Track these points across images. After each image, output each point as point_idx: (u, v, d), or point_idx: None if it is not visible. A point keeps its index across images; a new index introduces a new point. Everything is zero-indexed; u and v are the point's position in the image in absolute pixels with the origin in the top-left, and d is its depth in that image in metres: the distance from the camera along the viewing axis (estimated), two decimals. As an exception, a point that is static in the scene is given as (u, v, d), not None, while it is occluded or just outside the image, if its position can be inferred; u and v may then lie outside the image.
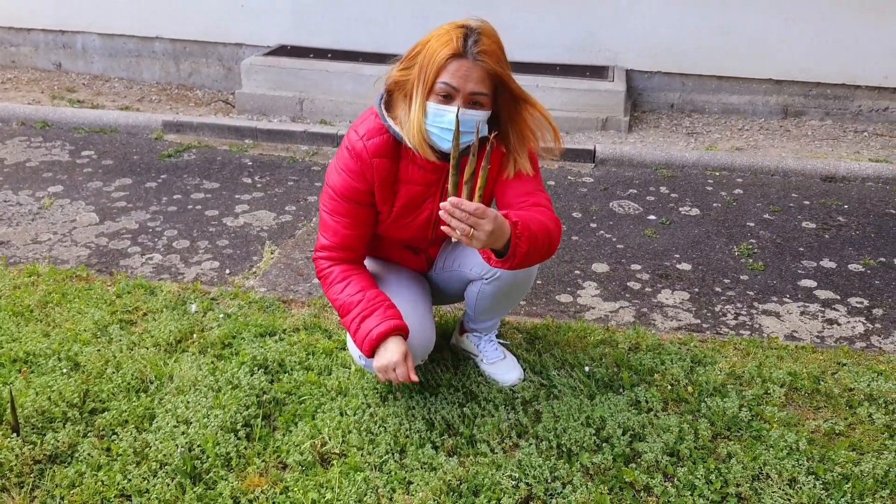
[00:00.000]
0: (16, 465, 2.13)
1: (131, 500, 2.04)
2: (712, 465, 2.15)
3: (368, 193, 2.17)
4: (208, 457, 2.17)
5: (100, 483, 2.08)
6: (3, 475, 2.10)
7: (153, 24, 5.98)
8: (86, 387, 2.42)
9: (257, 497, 2.05)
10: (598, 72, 5.41)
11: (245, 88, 5.46)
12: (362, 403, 2.37)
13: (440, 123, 2.00)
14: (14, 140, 4.92)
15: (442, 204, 1.81)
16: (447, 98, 1.98)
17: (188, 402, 2.36)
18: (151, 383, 2.46)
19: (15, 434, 2.22)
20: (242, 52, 5.90)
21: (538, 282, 3.28)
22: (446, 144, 2.02)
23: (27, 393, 2.36)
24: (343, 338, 2.73)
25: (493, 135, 1.92)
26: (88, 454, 2.17)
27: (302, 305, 3.01)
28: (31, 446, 2.18)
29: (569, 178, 4.47)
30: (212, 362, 2.57)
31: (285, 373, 2.54)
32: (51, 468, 2.14)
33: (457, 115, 1.90)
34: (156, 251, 3.52)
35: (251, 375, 2.49)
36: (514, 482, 2.08)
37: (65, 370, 2.48)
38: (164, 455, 2.17)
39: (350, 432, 2.26)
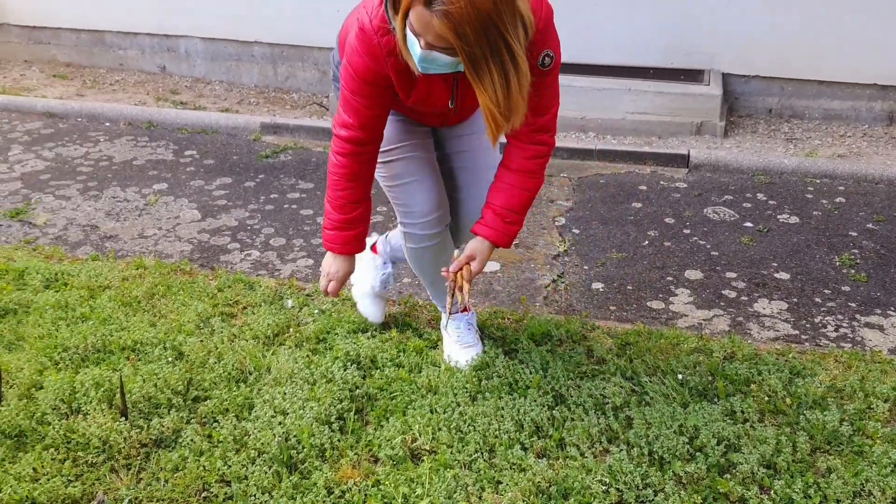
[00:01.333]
0: (124, 447, 2.24)
1: (231, 486, 2.12)
2: (811, 480, 2.08)
3: (387, 78, 2.09)
4: (304, 447, 2.23)
5: (201, 468, 2.17)
6: (112, 457, 2.21)
7: (252, 30, 6.18)
8: (189, 375, 2.52)
9: (350, 489, 2.10)
10: (692, 75, 5.31)
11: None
12: (452, 402, 2.40)
13: (412, 49, 1.89)
14: (122, 139, 5.17)
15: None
16: (416, 34, 1.85)
17: (285, 394, 2.44)
18: (250, 374, 2.55)
19: (123, 418, 2.33)
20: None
21: (629, 287, 3.24)
22: (418, 69, 1.93)
23: (135, 379, 2.48)
24: (432, 337, 2.77)
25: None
26: (191, 440, 2.26)
27: (393, 304, 3.07)
28: (138, 430, 2.29)
29: (661, 182, 4.40)
30: (307, 356, 2.64)
31: (377, 369, 2.59)
32: (156, 452, 2.24)
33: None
34: (254, 248, 3.64)
35: (344, 370, 2.55)
36: (604, 487, 2.07)
37: (170, 359, 2.60)
38: (262, 444, 2.24)
39: (440, 430, 2.29)
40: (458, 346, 2.64)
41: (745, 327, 2.95)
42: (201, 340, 2.71)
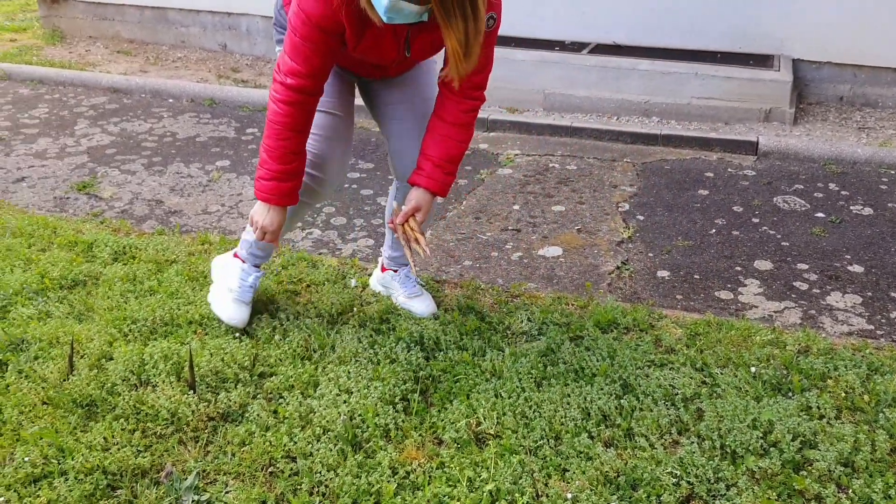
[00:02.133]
0: (192, 420, 2.26)
1: (296, 462, 2.13)
2: (892, 480, 2.01)
3: (340, 25, 2.10)
4: (368, 426, 2.23)
5: (268, 443, 2.18)
6: (180, 429, 2.24)
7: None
8: (255, 351, 2.54)
9: (414, 469, 2.09)
10: (761, 60, 5.16)
11: (398, 72, 5.56)
12: (517, 387, 2.37)
13: (377, 2, 1.93)
14: (185, 115, 5.22)
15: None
16: None
17: (349, 373, 2.44)
18: (315, 352, 2.56)
19: (192, 391, 2.36)
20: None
21: (696, 276, 3.17)
22: (383, 20, 1.97)
23: (202, 353, 2.50)
24: (494, 321, 2.74)
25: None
26: (258, 415, 2.28)
27: (455, 286, 3.04)
28: (206, 404, 2.31)
29: (729, 170, 4.29)
30: (370, 336, 2.64)
31: (440, 351, 2.57)
32: (223, 426, 2.26)
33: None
34: (315, 227, 3.65)
35: (408, 351, 2.54)
36: (674, 479, 2.02)
37: (236, 334, 2.62)
38: (328, 421, 2.24)
39: (505, 414, 2.26)
40: (410, 298, 2.79)
41: (817, 321, 2.87)
42: (267, 317, 2.72)
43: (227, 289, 2.66)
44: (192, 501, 2.03)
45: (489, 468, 2.08)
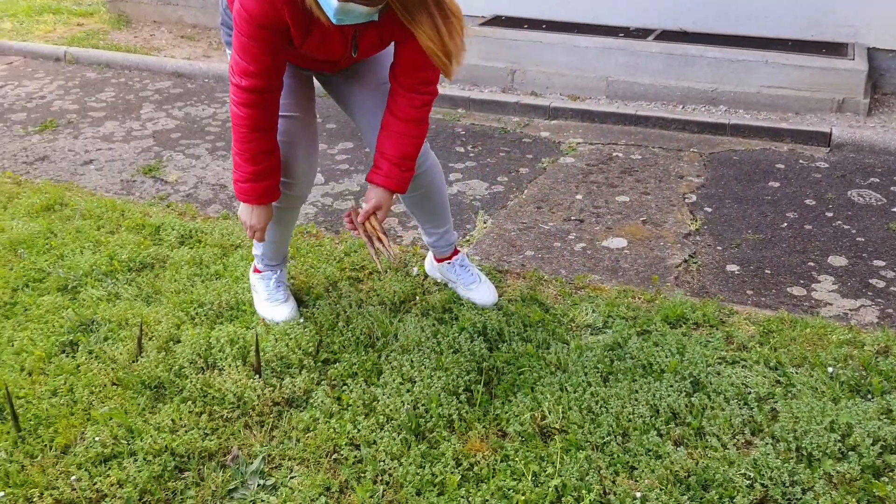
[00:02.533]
0: (257, 404, 2.28)
1: (360, 450, 2.12)
2: (980, 491, 1.92)
3: (284, 21, 2.05)
4: (432, 416, 2.21)
5: (332, 430, 2.18)
6: (245, 413, 2.26)
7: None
8: (319, 337, 2.54)
9: (478, 462, 2.07)
10: (834, 49, 4.97)
11: (459, 58, 5.51)
12: (582, 381, 2.32)
13: (325, 5, 1.92)
14: (247, 101, 5.26)
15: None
16: None
17: (412, 362, 2.42)
18: (378, 340, 2.55)
19: (257, 375, 2.37)
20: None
21: (766, 271, 3.08)
22: (333, 21, 1.95)
23: (267, 339, 2.52)
24: (558, 312, 2.70)
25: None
26: (322, 401, 2.28)
27: (517, 277, 3.01)
28: (271, 388, 2.32)
29: (800, 161, 4.15)
30: (433, 325, 2.62)
31: (504, 342, 2.54)
32: (288, 411, 2.27)
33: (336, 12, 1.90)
34: (375, 213, 3.64)
35: (471, 342, 2.51)
36: (748, 481, 1.96)
37: (301, 321, 2.62)
38: (391, 410, 2.24)
39: (570, 409, 2.23)
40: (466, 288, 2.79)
41: (895, 320, 2.75)
42: (329, 304, 2.72)
43: (262, 299, 2.69)
44: (258, 485, 2.04)
45: (555, 463, 2.05)
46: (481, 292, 2.78)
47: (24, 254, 3.04)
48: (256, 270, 2.72)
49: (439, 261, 2.84)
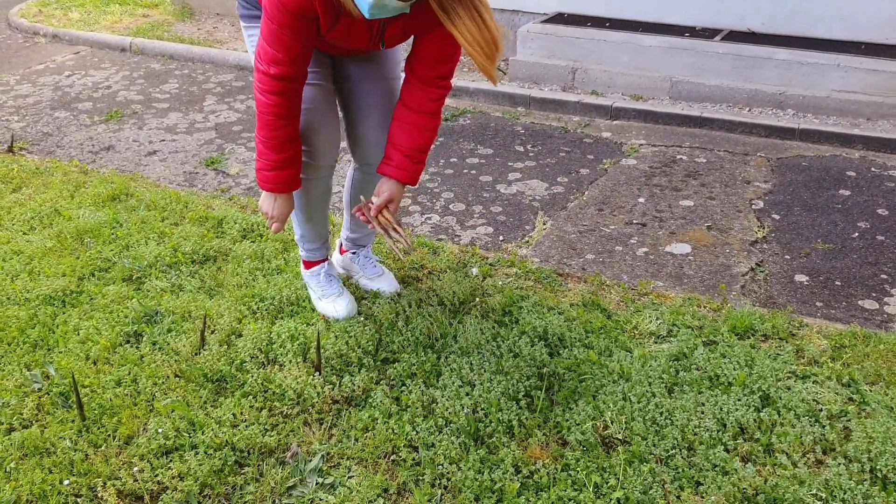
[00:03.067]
0: (317, 402, 2.27)
1: (418, 452, 2.11)
2: None
3: (315, 10, 2.05)
4: (491, 421, 2.18)
5: (390, 430, 2.17)
6: (305, 410, 2.26)
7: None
8: (379, 336, 2.53)
9: (538, 470, 2.04)
10: (911, 52, 4.80)
11: (519, 56, 5.47)
12: (647, 392, 2.27)
13: (360, 1, 1.92)
14: (307, 95, 5.29)
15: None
16: None
17: (472, 364, 2.40)
18: (437, 341, 2.53)
19: (317, 373, 2.37)
20: (518, 18, 5.90)
21: (837, 283, 2.97)
22: (365, 15, 1.95)
23: (327, 336, 2.52)
24: (621, 319, 2.64)
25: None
26: (381, 401, 2.27)
27: (578, 281, 2.96)
28: (331, 386, 2.32)
29: (872, 169, 4.01)
30: (493, 327, 2.59)
31: (565, 348, 2.50)
32: (347, 410, 2.26)
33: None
34: (434, 211, 3.63)
35: (531, 346, 2.48)
36: (819, 502, 1.89)
37: (361, 318, 2.62)
38: (450, 413, 2.21)
39: (634, 420, 2.18)
40: (372, 279, 2.80)
41: (975, 339, 2.64)
42: (389, 302, 2.71)
43: (317, 297, 2.69)
44: (316, 484, 2.04)
45: (617, 475, 2.01)
46: (385, 281, 2.79)
47: (91, 243, 3.09)
48: (306, 266, 2.72)
49: (344, 251, 2.84)
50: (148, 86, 5.47)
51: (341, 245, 2.87)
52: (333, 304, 2.65)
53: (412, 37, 2.26)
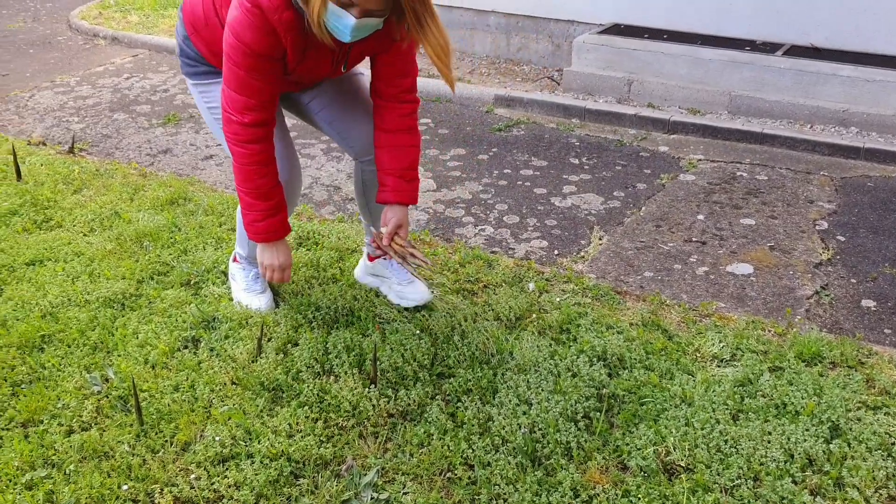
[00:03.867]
0: (372, 415, 2.25)
1: (474, 470, 2.07)
2: None
3: (282, 51, 2.10)
4: (549, 442, 2.14)
5: (446, 447, 2.14)
6: (360, 422, 2.24)
7: (491, -1, 6.14)
8: (434, 350, 2.51)
9: (597, 494, 1.99)
10: (983, 71, 4.64)
11: (574, 66, 5.42)
12: (710, 418, 2.21)
13: (336, 23, 1.98)
14: (360, 102, 5.30)
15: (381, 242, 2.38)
16: (347, 5, 1.95)
17: (529, 382, 2.36)
18: (493, 356, 2.49)
19: (372, 385, 2.35)
20: (573, 29, 5.85)
21: (889, 303, 2.88)
22: (343, 40, 2.03)
23: (383, 348, 2.50)
24: (682, 342, 2.58)
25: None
26: (436, 417, 2.24)
27: (637, 299, 2.90)
28: (386, 400, 2.30)
29: (942, 192, 3.88)
30: (550, 345, 2.55)
31: (625, 369, 2.45)
32: (402, 424, 2.24)
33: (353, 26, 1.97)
34: (487, 223, 3.60)
35: (590, 366, 2.43)
36: (895, 543, 1.82)
37: (416, 331, 2.59)
38: (507, 431, 2.18)
39: (697, 447, 2.11)
40: (403, 285, 2.73)
41: None
42: (445, 315, 2.69)
43: (240, 289, 2.73)
44: (371, 498, 2.02)
45: (680, 503, 1.95)
46: (416, 289, 2.72)
47: (150, 246, 3.12)
48: (236, 260, 2.76)
49: (373, 259, 2.79)
50: (204, 90, 5.53)
51: (368, 254, 2.82)
52: (257, 298, 2.69)
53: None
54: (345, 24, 1.97)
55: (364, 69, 2.51)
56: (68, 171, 3.89)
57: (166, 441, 2.15)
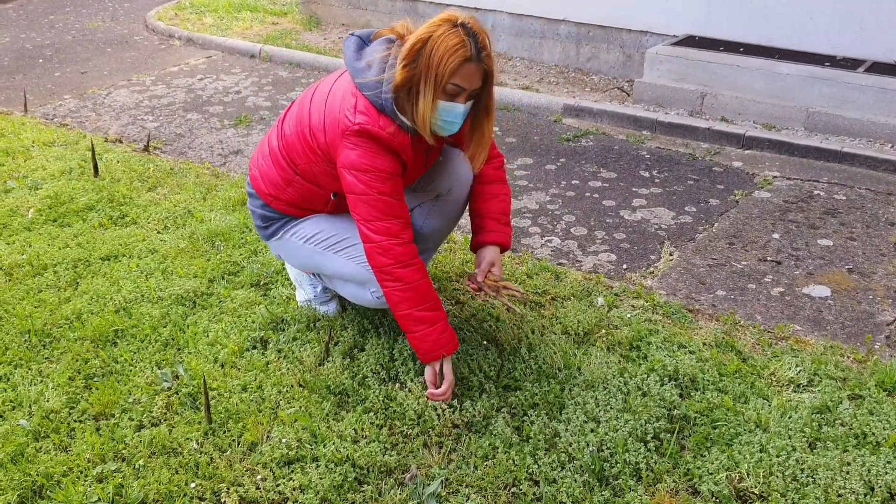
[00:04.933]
0: (437, 424, 2.24)
1: (539, 487, 2.04)
2: None
3: (401, 163, 2.25)
4: (617, 462, 2.10)
5: (511, 461, 2.11)
6: (425, 431, 2.22)
7: (562, 8, 6.08)
8: (501, 361, 2.48)
9: (667, 519, 1.94)
10: None
11: (646, 78, 5.33)
12: (787, 445, 2.13)
13: (447, 117, 2.16)
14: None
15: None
16: (454, 95, 2.13)
17: (597, 399, 2.31)
18: (560, 371, 2.45)
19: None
20: (646, 39, 5.77)
21: None
22: (452, 131, 2.21)
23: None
24: (758, 364, 2.50)
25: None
26: (502, 430, 2.21)
27: (709, 318, 2.82)
28: (451, 410, 2.28)
29: None
30: (619, 362, 2.50)
31: (697, 390, 2.38)
32: (467, 435, 2.21)
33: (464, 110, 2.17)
34: (555, 234, 3.55)
35: (661, 386, 2.37)
36: None
37: (483, 342, 2.57)
38: (574, 448, 2.14)
39: (772, 475, 2.04)
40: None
41: None
42: (512, 327, 2.66)
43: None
44: (434, 510, 2.00)
45: (754, 533, 1.88)
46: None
47: (221, 246, 3.16)
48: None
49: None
50: (275, 92, 5.62)
51: None
52: (325, 305, 2.72)
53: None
54: (456, 114, 2.16)
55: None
56: (143, 169, 3.97)
57: (234, 440, 2.17)
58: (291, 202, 2.42)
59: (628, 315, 2.78)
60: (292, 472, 2.07)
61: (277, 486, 2.03)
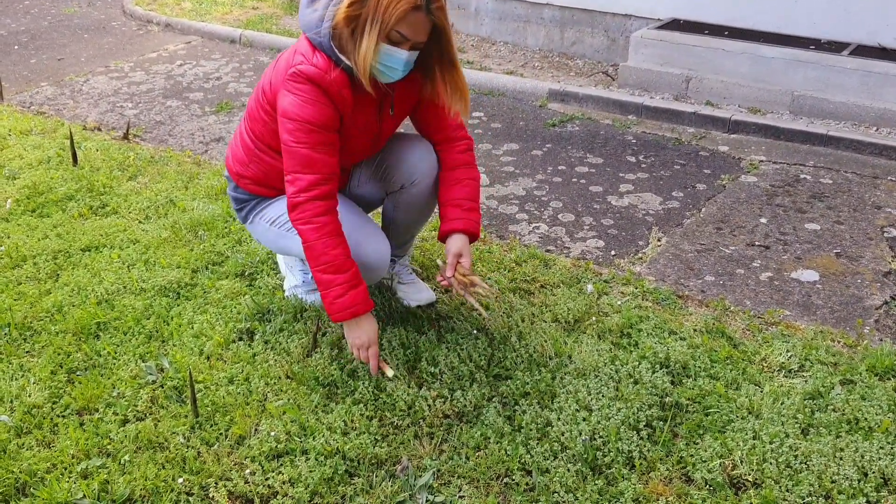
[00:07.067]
0: (428, 415, 2.21)
1: (532, 477, 2.02)
2: None
3: (339, 120, 2.21)
4: (610, 450, 2.08)
5: (503, 451, 2.09)
6: (416, 422, 2.19)
7: (545, -9, 6.04)
8: (491, 350, 2.45)
9: (661, 507, 1.92)
10: None
11: (630, 62, 5.30)
12: (780, 432, 2.12)
13: (388, 62, 2.12)
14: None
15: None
16: (397, 43, 2.09)
17: (589, 388, 2.29)
18: (551, 359, 2.43)
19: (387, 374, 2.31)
20: (630, 23, 5.73)
21: (984, 324, 2.75)
22: (392, 78, 2.17)
23: (439, 347, 2.45)
24: (749, 350, 2.49)
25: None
26: (493, 420, 2.19)
27: (699, 304, 2.81)
28: (442, 400, 2.25)
29: None
30: (610, 349, 2.48)
31: (688, 377, 2.37)
32: (458, 425, 2.19)
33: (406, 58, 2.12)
34: (542, 221, 3.52)
35: (652, 373, 2.36)
36: (980, 574, 1.72)
37: (473, 330, 2.54)
38: (566, 438, 2.12)
39: (766, 461, 2.03)
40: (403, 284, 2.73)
41: None
42: (502, 315, 2.63)
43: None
44: (426, 501, 1.97)
45: (748, 520, 1.88)
46: (415, 289, 2.71)
47: (205, 235, 3.11)
48: None
49: None
50: (256, 78, 5.53)
51: None
52: (313, 293, 2.66)
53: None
54: (397, 60, 2.11)
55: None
56: (123, 158, 3.90)
57: (221, 434, 2.13)
58: (255, 179, 2.41)
59: (618, 302, 2.76)
60: (281, 465, 2.04)
61: (267, 479, 1.99)
